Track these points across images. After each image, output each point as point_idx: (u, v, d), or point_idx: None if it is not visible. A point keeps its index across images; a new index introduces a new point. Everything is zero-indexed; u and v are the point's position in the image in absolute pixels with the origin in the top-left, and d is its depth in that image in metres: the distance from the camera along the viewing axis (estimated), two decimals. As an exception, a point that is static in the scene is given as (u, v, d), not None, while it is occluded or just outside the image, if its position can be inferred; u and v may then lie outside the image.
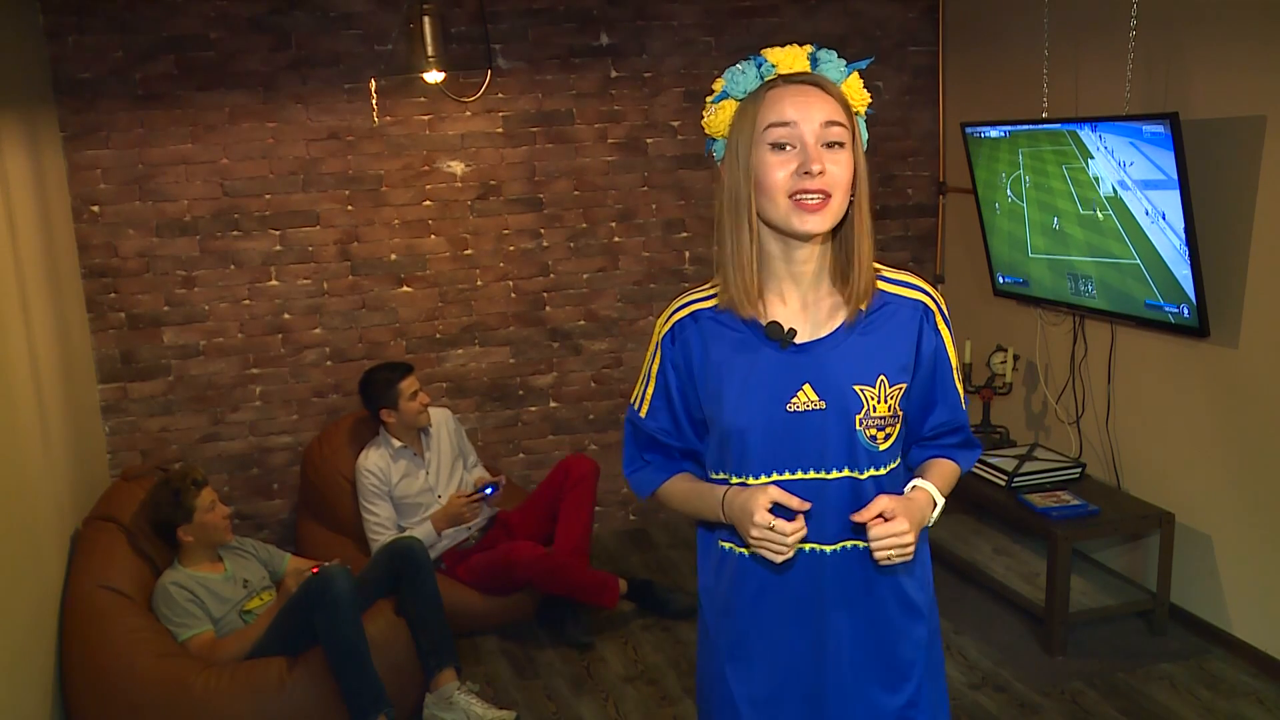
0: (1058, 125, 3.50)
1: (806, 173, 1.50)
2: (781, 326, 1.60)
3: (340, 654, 2.93)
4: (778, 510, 1.56)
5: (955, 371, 1.70)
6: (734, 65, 1.59)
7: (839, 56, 1.60)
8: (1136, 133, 3.17)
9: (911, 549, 1.55)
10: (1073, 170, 3.48)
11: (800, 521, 1.55)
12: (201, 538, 3.16)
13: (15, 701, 2.68)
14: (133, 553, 3.22)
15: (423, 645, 3.20)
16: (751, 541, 1.57)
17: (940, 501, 1.65)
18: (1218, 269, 3.21)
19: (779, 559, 1.56)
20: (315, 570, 3.11)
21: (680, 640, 3.64)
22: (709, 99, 1.63)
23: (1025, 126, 3.67)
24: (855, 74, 1.60)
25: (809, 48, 1.59)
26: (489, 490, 3.76)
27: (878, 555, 1.54)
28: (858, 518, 1.56)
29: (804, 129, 1.51)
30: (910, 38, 4.62)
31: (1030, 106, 3.92)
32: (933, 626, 1.75)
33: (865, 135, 1.63)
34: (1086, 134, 3.37)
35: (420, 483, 3.79)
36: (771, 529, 1.53)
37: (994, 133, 3.81)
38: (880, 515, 1.54)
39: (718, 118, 1.61)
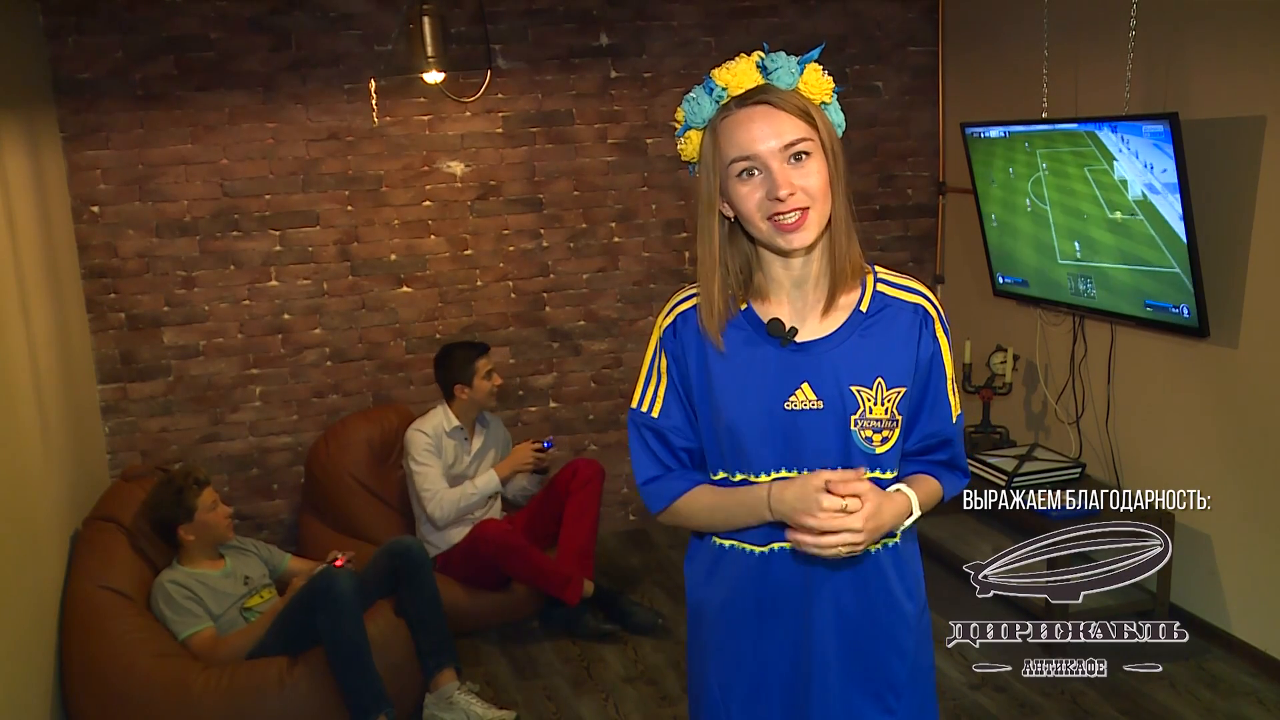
0: (1058, 125, 3.50)
1: (777, 198, 1.51)
2: (783, 324, 1.60)
3: (341, 654, 2.93)
4: None
5: (950, 382, 1.67)
6: (689, 93, 1.59)
7: (789, 54, 1.56)
8: (1136, 132, 3.17)
9: (857, 544, 1.50)
10: (1073, 170, 3.48)
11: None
12: (203, 537, 3.16)
13: (15, 701, 2.68)
14: (133, 553, 3.22)
15: (423, 645, 3.20)
16: (813, 531, 1.50)
17: (917, 512, 1.62)
18: (1218, 269, 3.21)
19: (834, 550, 1.50)
20: (340, 562, 3.21)
21: (680, 640, 3.64)
22: (676, 129, 1.64)
23: (1025, 127, 3.67)
24: (811, 66, 1.57)
25: (758, 55, 1.57)
26: (548, 444, 3.91)
27: (813, 541, 1.50)
28: (834, 487, 1.50)
29: (765, 155, 1.52)
30: (910, 38, 4.62)
31: (1030, 106, 3.92)
32: (921, 631, 1.73)
33: (841, 120, 1.61)
34: (1087, 134, 3.37)
35: (461, 466, 3.82)
36: (843, 510, 1.49)
37: (994, 133, 3.81)
38: (843, 509, 1.50)
39: (689, 147, 1.63)
